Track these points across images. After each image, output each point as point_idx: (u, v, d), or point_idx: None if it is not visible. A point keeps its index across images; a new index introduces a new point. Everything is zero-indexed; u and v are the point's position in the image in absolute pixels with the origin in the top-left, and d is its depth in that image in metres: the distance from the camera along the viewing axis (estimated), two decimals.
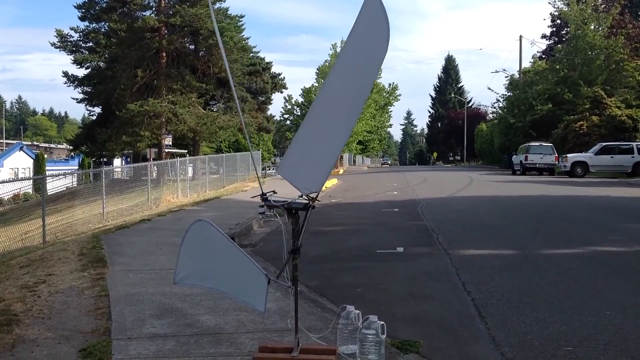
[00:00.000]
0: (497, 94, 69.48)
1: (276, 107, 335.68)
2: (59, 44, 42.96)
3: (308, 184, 4.34)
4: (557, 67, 47.87)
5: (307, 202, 4.33)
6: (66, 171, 50.22)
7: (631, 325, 5.51)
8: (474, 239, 10.79)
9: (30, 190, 37.93)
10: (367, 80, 4.60)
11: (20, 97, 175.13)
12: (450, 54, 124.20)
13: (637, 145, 33.16)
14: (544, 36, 61.88)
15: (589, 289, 6.90)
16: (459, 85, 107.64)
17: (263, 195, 4.41)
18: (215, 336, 5.07)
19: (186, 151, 49.43)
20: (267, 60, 52.82)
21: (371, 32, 4.30)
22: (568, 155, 33.92)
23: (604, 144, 33.77)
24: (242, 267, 4.42)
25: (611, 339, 5.12)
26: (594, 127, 38.24)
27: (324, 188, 24.37)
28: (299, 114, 72.66)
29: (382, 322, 4.35)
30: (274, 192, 4.45)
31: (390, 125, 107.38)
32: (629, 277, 7.54)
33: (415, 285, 7.31)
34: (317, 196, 4.35)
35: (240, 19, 47.16)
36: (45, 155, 68.90)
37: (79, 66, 43.50)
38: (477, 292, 6.82)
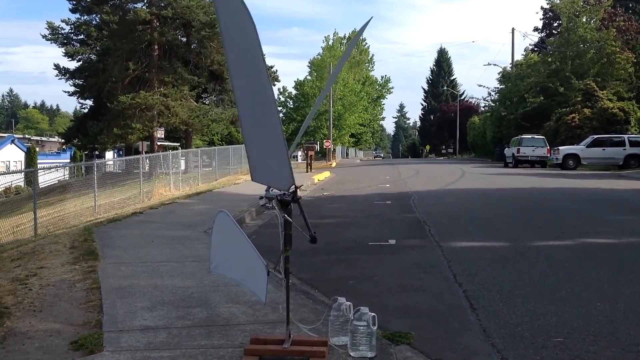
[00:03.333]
0: (488, 88, 69.63)
1: None
2: (50, 36, 42.77)
3: (282, 183, 4.33)
4: (549, 59, 47.97)
5: (292, 194, 4.36)
6: (58, 164, 50.02)
7: (621, 317, 5.54)
8: (465, 231, 10.83)
9: (22, 184, 37.78)
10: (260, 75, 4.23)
11: (11, 90, 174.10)
12: (443, 47, 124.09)
13: (628, 137, 33.30)
14: (536, 29, 62.02)
15: (579, 280, 6.94)
16: (452, 78, 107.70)
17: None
18: (207, 328, 5.08)
19: (178, 144, 49.34)
20: None
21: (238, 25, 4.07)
22: (560, 147, 34.03)
23: (596, 136, 33.88)
24: (249, 258, 4.42)
25: (601, 330, 5.15)
26: (585, 120, 38.35)
27: (316, 181, 24.33)
28: (292, 106, 72.73)
29: (373, 314, 4.37)
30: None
31: (383, 118, 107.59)
32: (619, 268, 7.58)
33: (406, 277, 7.32)
34: (295, 188, 4.34)
35: None
36: (37, 149, 68.64)
37: (70, 59, 43.38)
38: (468, 283, 6.84)
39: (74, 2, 42.01)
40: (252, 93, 4.19)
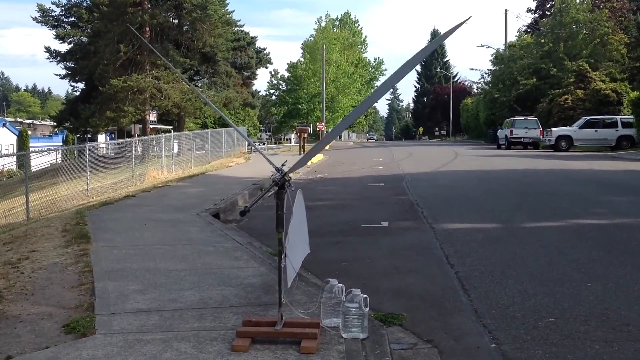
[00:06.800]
0: (481, 71, 69.70)
1: (261, 82, 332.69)
2: (40, 18, 42.37)
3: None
4: (542, 41, 47.89)
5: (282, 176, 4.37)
6: (50, 147, 49.81)
7: (612, 297, 5.57)
8: (458, 213, 10.84)
9: (14, 167, 37.68)
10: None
11: (2, 73, 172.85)
12: (436, 29, 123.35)
13: (621, 119, 33.36)
14: (529, 10, 62.04)
15: (571, 261, 6.97)
16: (445, 60, 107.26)
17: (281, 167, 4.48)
18: (199, 311, 5.07)
19: (171, 127, 49.13)
20: (251, 34, 52.33)
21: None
22: (552, 129, 34.08)
23: (588, 117, 33.92)
24: (302, 235, 4.63)
25: (592, 310, 5.18)
26: (578, 101, 38.39)
27: (309, 163, 24.31)
28: (285, 88, 72.45)
29: (365, 295, 4.37)
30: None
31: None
32: (610, 249, 7.61)
33: (399, 259, 7.34)
34: (287, 169, 4.40)
35: None
36: (29, 132, 68.37)
37: (61, 41, 43.01)
38: (460, 265, 6.86)
39: None
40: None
